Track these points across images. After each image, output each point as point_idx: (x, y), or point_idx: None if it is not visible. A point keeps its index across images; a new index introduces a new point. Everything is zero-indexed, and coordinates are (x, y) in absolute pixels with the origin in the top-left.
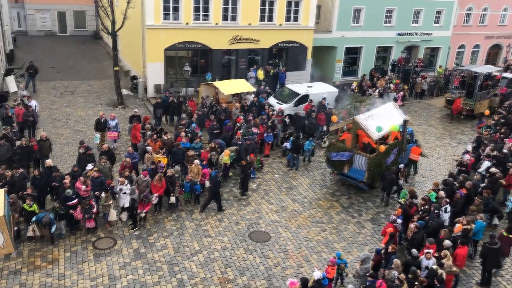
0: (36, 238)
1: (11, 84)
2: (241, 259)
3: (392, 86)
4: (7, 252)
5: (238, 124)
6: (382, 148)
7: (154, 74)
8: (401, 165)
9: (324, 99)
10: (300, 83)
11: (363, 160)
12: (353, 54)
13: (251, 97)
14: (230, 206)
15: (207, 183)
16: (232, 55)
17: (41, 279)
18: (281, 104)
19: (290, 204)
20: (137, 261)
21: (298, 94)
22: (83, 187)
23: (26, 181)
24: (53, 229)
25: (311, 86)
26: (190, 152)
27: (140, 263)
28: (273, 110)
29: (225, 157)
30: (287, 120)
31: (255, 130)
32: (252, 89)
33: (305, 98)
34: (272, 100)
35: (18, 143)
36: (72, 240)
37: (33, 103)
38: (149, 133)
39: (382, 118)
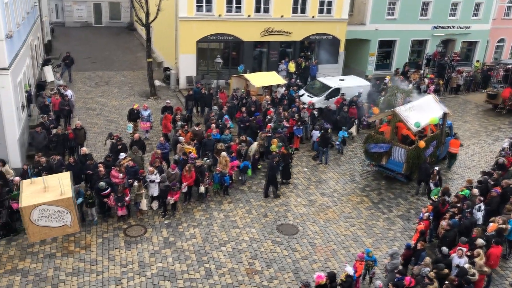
0: None
1: (49, 74)
2: (268, 251)
3: (426, 80)
4: (73, 231)
5: (268, 117)
6: (422, 144)
7: (186, 66)
8: (435, 168)
9: (360, 93)
10: (331, 76)
11: (402, 152)
12: (386, 48)
13: (282, 90)
14: (258, 199)
15: (235, 174)
16: (263, 48)
17: (74, 263)
18: (312, 97)
19: (319, 198)
20: (167, 249)
21: (329, 87)
22: (120, 175)
23: (62, 168)
24: (79, 200)
25: (343, 80)
26: (219, 146)
27: (169, 252)
28: (304, 103)
29: (273, 145)
30: (315, 112)
31: (285, 123)
32: (283, 81)
33: (336, 91)
34: (303, 93)
35: (54, 131)
36: (104, 227)
37: (69, 92)
38: (180, 123)
39: (422, 110)
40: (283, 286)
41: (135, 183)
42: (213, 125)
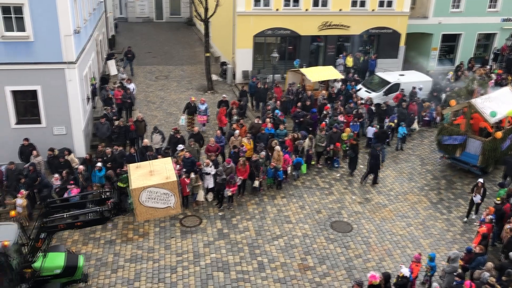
0: None
1: (112, 67)
2: (321, 248)
3: (494, 76)
4: (175, 213)
5: (324, 112)
6: (499, 134)
7: (243, 60)
8: (479, 180)
9: (420, 89)
10: (391, 71)
11: (477, 144)
12: (450, 42)
13: (339, 85)
14: (312, 195)
15: (289, 170)
16: (320, 42)
17: (132, 250)
18: (370, 93)
19: (375, 196)
20: (220, 240)
21: (388, 83)
22: (177, 166)
23: (124, 158)
24: None
25: (403, 75)
26: (273, 143)
27: (223, 243)
28: (361, 99)
29: (344, 134)
30: (373, 108)
31: (341, 118)
32: (340, 76)
33: (396, 87)
34: (360, 88)
35: (116, 123)
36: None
37: (131, 86)
38: (235, 118)
39: (499, 102)
40: (335, 283)
41: (192, 175)
42: (268, 120)
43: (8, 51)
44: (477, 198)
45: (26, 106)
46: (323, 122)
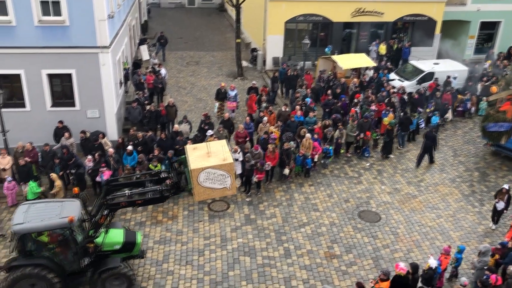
0: None
1: (144, 52)
2: (348, 237)
3: None
4: (231, 194)
5: (355, 101)
6: None
7: (273, 47)
8: (504, 186)
9: (455, 78)
10: (425, 60)
11: None
12: (489, 29)
13: (371, 73)
14: (341, 183)
15: (317, 158)
16: (353, 28)
17: (161, 232)
18: (402, 81)
19: (405, 186)
20: (247, 226)
21: (422, 71)
22: None
23: (154, 143)
24: None
25: (437, 63)
26: (302, 132)
27: (250, 228)
28: (394, 87)
29: (387, 118)
30: (405, 97)
31: (373, 107)
32: (373, 64)
33: (430, 75)
34: (393, 76)
35: (147, 107)
36: (190, 199)
37: (162, 71)
38: (264, 104)
39: None
40: (361, 272)
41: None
42: (298, 107)
43: (45, 35)
44: (500, 205)
45: (61, 90)
46: (353, 109)
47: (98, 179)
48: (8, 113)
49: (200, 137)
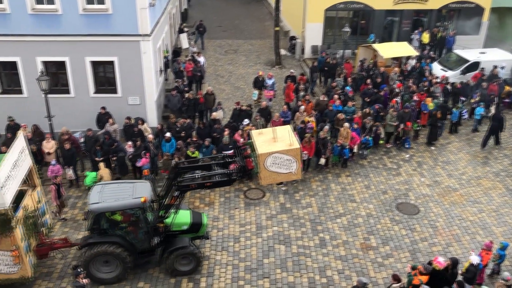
0: None
1: (184, 41)
2: (385, 229)
3: None
4: (296, 178)
5: (397, 90)
6: None
7: (313, 35)
8: None
9: (502, 68)
10: (470, 49)
11: None
12: None
13: (413, 62)
14: (379, 175)
15: (355, 148)
16: (395, 16)
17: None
18: (446, 71)
19: (445, 179)
20: (283, 214)
21: (467, 61)
22: (241, 139)
23: (192, 130)
24: None
25: (484, 53)
26: (341, 116)
27: (285, 217)
28: (436, 77)
29: (430, 104)
30: (449, 87)
31: (414, 97)
32: (415, 53)
33: (475, 65)
34: (436, 66)
35: (186, 95)
36: (226, 187)
37: (201, 59)
38: (302, 93)
39: None
40: (398, 265)
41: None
42: (336, 96)
43: (89, 23)
44: None
45: (104, 77)
46: (394, 99)
47: (138, 164)
48: (54, 99)
49: (234, 125)
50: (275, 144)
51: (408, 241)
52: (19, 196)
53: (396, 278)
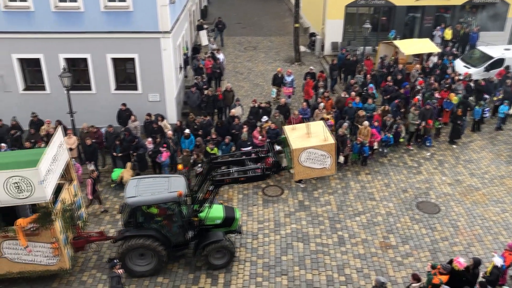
0: None
1: (203, 38)
2: (405, 227)
3: None
4: (329, 174)
5: (418, 87)
6: None
7: (333, 31)
8: None
9: None
10: (495, 45)
11: None
12: None
13: (435, 59)
14: (399, 173)
15: (376, 145)
16: (417, 12)
17: None
18: (469, 68)
19: (467, 178)
20: (301, 212)
21: (491, 58)
22: (260, 136)
23: (211, 127)
24: None
25: (508, 49)
26: (362, 113)
27: (303, 215)
28: (459, 74)
29: (455, 97)
30: (472, 85)
31: (436, 95)
32: (437, 50)
33: (499, 62)
34: (458, 63)
35: (205, 92)
36: (245, 184)
37: (221, 56)
38: (321, 90)
39: None
40: (417, 264)
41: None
42: (353, 93)
43: (110, 20)
44: None
45: (124, 73)
46: (416, 97)
47: (157, 160)
48: (75, 95)
49: (254, 121)
50: (309, 139)
51: (428, 240)
52: (57, 190)
53: (416, 278)
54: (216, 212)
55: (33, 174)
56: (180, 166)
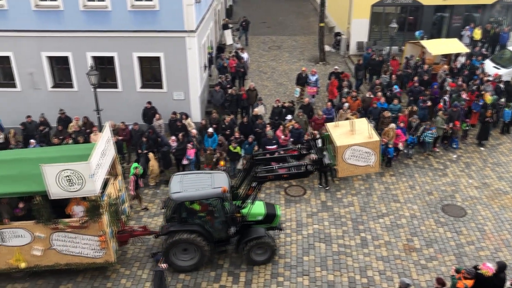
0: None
1: (228, 37)
2: (430, 230)
3: None
4: (374, 171)
5: (447, 88)
6: None
7: (358, 31)
8: None
9: None
10: None
11: None
12: None
13: (463, 59)
14: (424, 175)
15: (400, 146)
16: (445, 12)
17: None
18: (498, 69)
19: (495, 181)
20: (324, 212)
21: None
22: (282, 136)
23: (235, 126)
24: None
25: None
26: (387, 114)
27: (326, 215)
28: (488, 75)
29: (490, 97)
30: (502, 86)
31: (464, 96)
32: (465, 50)
33: None
34: (488, 63)
35: (229, 91)
36: (267, 183)
37: (245, 55)
38: (346, 90)
39: None
40: (442, 268)
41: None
42: (379, 94)
43: (137, 19)
44: None
45: (150, 72)
46: (440, 103)
47: (184, 161)
48: (102, 93)
49: (278, 122)
50: (353, 136)
51: (453, 244)
52: (103, 185)
53: (441, 282)
54: (257, 208)
55: (85, 168)
56: (222, 163)
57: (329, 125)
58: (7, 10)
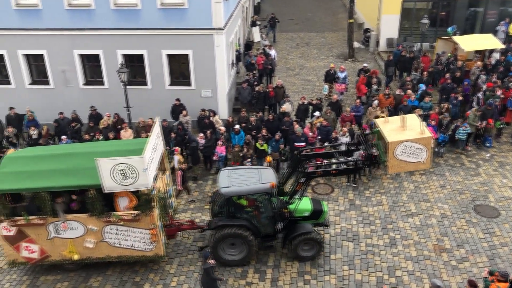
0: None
1: (256, 34)
2: (461, 231)
3: None
4: (424, 168)
5: (484, 87)
6: None
7: (388, 27)
8: None
9: None
10: None
11: None
12: None
13: (497, 55)
14: (456, 174)
15: (432, 145)
16: (479, 7)
17: None
18: None
19: None
20: (351, 211)
21: None
22: (310, 133)
23: (262, 124)
24: None
25: None
26: (419, 111)
27: (354, 214)
28: None
29: None
30: None
31: (498, 93)
32: (500, 46)
33: None
34: None
35: (256, 88)
36: (292, 179)
37: (273, 52)
38: (375, 87)
39: None
40: (474, 270)
41: (326, 144)
42: (409, 91)
43: (166, 17)
44: None
45: (179, 69)
46: (468, 112)
47: (215, 158)
48: (132, 90)
49: (301, 122)
50: (405, 132)
51: (486, 246)
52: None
53: (472, 284)
54: (304, 204)
55: (139, 162)
56: (268, 158)
57: (379, 121)
58: (41, 9)
